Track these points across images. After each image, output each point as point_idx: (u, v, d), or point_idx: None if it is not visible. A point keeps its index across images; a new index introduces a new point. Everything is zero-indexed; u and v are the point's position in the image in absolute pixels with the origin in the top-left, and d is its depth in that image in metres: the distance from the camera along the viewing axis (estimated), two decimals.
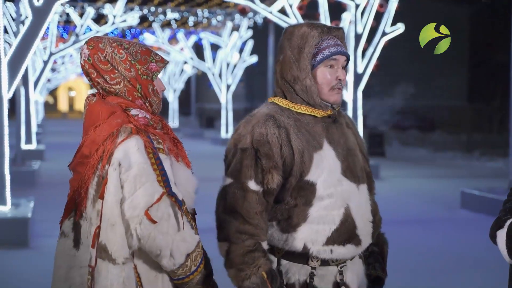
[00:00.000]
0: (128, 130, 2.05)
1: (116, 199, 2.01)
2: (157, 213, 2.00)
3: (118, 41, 2.16)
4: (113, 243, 2.01)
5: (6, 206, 7.14)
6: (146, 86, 2.15)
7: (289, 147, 2.27)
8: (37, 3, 7.21)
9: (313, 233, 2.28)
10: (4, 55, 7.01)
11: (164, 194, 2.02)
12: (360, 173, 2.38)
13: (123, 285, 2.01)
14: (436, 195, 10.87)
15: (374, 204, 2.43)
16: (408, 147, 20.91)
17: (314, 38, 2.32)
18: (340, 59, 2.34)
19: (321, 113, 2.35)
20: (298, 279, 2.32)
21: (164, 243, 2.02)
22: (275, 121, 2.29)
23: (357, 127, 2.54)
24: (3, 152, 7.06)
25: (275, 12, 11.76)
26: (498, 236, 2.05)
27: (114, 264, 2.01)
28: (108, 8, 15.94)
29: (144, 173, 2.01)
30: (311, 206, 2.28)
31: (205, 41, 21.69)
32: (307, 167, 2.27)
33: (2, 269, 5.94)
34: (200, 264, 2.11)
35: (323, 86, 2.33)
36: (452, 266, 6.25)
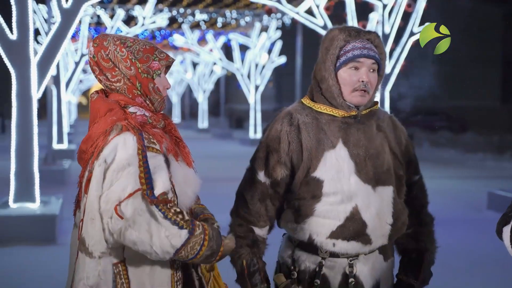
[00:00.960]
0: (119, 127, 2.09)
1: (97, 194, 2.05)
2: (126, 208, 2.01)
3: (122, 39, 2.20)
4: (91, 237, 2.06)
5: (35, 203, 7.31)
6: (147, 84, 2.19)
7: (298, 144, 2.40)
8: (66, 4, 7.37)
9: (319, 226, 2.38)
10: (34, 55, 7.19)
11: (139, 190, 2.03)
12: (383, 176, 2.41)
13: (99, 278, 2.06)
14: (463, 196, 10.77)
15: (399, 207, 2.45)
16: (438, 148, 20.70)
17: (339, 41, 2.41)
18: (365, 62, 2.39)
19: (341, 113, 2.42)
20: (308, 266, 2.44)
21: (139, 240, 2.02)
22: (290, 119, 2.44)
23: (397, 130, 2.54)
24: (32, 151, 7.23)
25: (301, 13, 11.78)
26: (504, 232, 2.06)
27: (91, 258, 2.06)
28: (137, 9, 16.15)
29: (122, 168, 2.04)
30: (319, 201, 2.38)
31: (234, 42, 21.79)
32: (314, 164, 2.38)
33: (30, 264, 6.09)
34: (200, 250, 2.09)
35: (345, 87, 2.40)
36: (476, 266, 6.21)
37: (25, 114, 7.15)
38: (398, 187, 2.47)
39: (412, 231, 2.58)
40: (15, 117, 7.16)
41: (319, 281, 2.40)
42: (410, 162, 2.54)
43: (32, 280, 5.61)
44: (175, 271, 2.18)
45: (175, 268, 2.19)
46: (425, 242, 2.58)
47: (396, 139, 2.51)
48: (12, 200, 7.27)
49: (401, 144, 2.52)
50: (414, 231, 2.58)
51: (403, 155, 2.51)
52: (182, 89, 36.87)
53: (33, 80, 7.15)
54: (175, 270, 2.18)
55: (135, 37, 2.27)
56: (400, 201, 2.48)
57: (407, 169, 2.53)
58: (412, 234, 2.58)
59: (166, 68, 2.29)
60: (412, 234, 2.58)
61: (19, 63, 7.08)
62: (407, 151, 2.54)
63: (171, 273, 2.17)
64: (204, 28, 24.75)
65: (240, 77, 21.60)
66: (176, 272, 2.19)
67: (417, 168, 2.59)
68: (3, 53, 7.05)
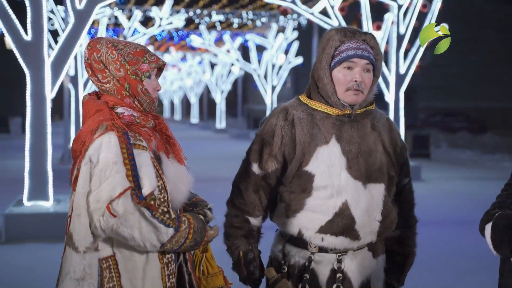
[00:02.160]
0: (104, 126, 2.18)
1: (83, 191, 2.14)
2: (118, 206, 2.11)
3: (115, 42, 2.29)
4: (77, 233, 2.14)
5: (49, 201, 7.43)
6: (135, 85, 2.27)
7: (291, 138, 2.47)
8: (79, 6, 7.48)
9: (308, 220, 2.45)
10: (48, 56, 7.30)
11: (129, 189, 2.13)
12: (375, 173, 2.46)
13: (84, 272, 2.15)
14: (479, 197, 10.69)
15: (388, 205, 2.50)
16: (456, 149, 20.55)
17: (334, 41, 2.48)
18: (359, 62, 2.44)
19: (335, 111, 2.48)
20: (298, 261, 2.50)
21: (128, 235, 2.14)
22: (285, 114, 2.51)
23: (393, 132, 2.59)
24: (46, 150, 7.34)
25: (316, 14, 11.79)
26: (486, 229, 2.09)
27: (77, 252, 2.15)
28: (155, 10, 16.26)
29: (109, 168, 2.12)
30: (309, 196, 2.44)
31: (251, 43, 21.84)
32: (306, 158, 2.45)
33: (43, 262, 6.18)
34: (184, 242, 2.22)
35: (339, 86, 2.47)
36: (492, 268, 6.17)
37: (39, 114, 7.26)
38: (388, 187, 2.51)
39: (399, 234, 2.63)
40: (29, 117, 7.29)
41: (308, 275, 2.46)
42: (404, 165, 2.59)
43: (45, 277, 5.69)
44: (166, 265, 2.25)
45: (166, 263, 2.26)
46: (410, 246, 2.65)
47: (391, 141, 2.56)
48: (26, 198, 7.39)
49: (396, 146, 2.57)
50: (401, 234, 2.63)
51: (397, 157, 2.56)
52: (200, 90, 37.01)
53: (47, 80, 7.26)
54: (165, 264, 2.25)
55: (128, 41, 2.35)
56: (391, 200, 2.53)
57: (400, 171, 2.57)
58: (398, 237, 2.63)
59: (159, 70, 2.37)
60: (398, 237, 2.63)
61: (34, 63, 7.20)
62: (402, 154, 2.58)
63: (161, 267, 2.24)
64: (220, 29, 24.84)
65: (257, 77, 21.64)
66: (167, 266, 2.26)
67: (408, 171, 2.64)
68: (18, 54, 7.17)
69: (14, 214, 7.11)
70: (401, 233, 2.63)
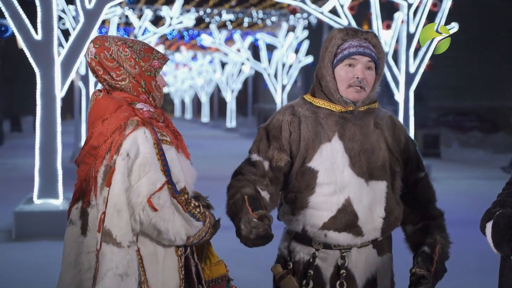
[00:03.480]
0: (134, 122, 2.20)
1: (123, 186, 2.15)
2: (158, 201, 2.16)
3: (122, 39, 2.31)
4: (118, 228, 2.14)
5: (59, 199, 7.48)
6: (150, 82, 2.30)
7: (297, 134, 2.51)
8: (89, 5, 7.53)
9: (312, 217, 2.48)
10: (58, 55, 7.35)
11: (166, 183, 2.17)
12: (377, 171, 2.49)
13: (127, 266, 2.15)
14: (490, 197, 10.54)
15: (392, 202, 2.52)
16: (467, 149, 20.45)
17: (337, 39, 2.53)
18: (360, 59, 2.48)
19: (338, 108, 2.52)
20: (302, 257, 2.54)
21: (164, 229, 2.19)
22: (292, 111, 2.56)
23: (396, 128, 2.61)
24: (56, 149, 7.40)
25: (326, 13, 11.78)
26: (487, 228, 2.10)
27: (119, 247, 2.14)
28: (165, 10, 16.31)
29: (148, 163, 2.16)
30: (313, 193, 2.48)
31: (261, 42, 21.84)
32: (310, 155, 2.49)
33: (52, 259, 6.22)
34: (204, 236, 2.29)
35: (341, 83, 2.51)
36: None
37: (49, 113, 7.32)
38: (393, 183, 2.54)
39: (422, 226, 2.62)
40: (40, 116, 7.34)
41: (312, 271, 2.49)
42: (410, 159, 2.60)
43: (55, 275, 5.69)
44: (180, 258, 2.31)
45: (179, 255, 2.31)
46: (436, 234, 2.60)
47: (394, 137, 2.58)
48: (36, 196, 7.44)
49: (400, 142, 2.59)
50: (424, 225, 2.62)
51: (401, 153, 2.58)
52: (211, 89, 37.06)
53: (57, 79, 7.32)
54: (179, 256, 2.31)
55: (132, 38, 2.37)
56: (395, 196, 2.55)
57: (405, 166, 2.59)
58: (422, 228, 2.62)
59: None
60: (422, 228, 2.62)
61: (44, 62, 7.26)
62: (406, 149, 2.60)
63: (177, 259, 2.30)
64: (231, 28, 24.87)
65: (267, 76, 21.64)
66: (180, 258, 2.31)
67: (420, 165, 2.64)
68: (28, 53, 7.23)
69: (24, 212, 7.16)
70: (422, 225, 2.62)
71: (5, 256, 6.45)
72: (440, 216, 2.66)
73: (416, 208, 2.60)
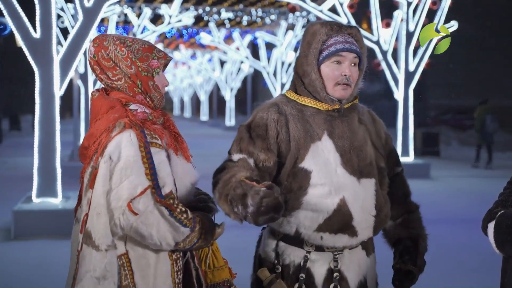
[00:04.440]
0: (122, 124, 2.16)
1: (104, 190, 2.12)
2: (138, 205, 2.11)
3: (122, 39, 2.27)
4: (97, 231, 2.13)
5: (57, 198, 7.46)
6: (147, 82, 2.25)
7: (286, 133, 2.39)
8: (88, 3, 7.51)
9: (306, 219, 2.36)
10: (56, 54, 7.33)
11: (149, 188, 2.12)
12: (366, 168, 2.43)
13: (105, 270, 2.13)
14: (489, 196, 10.56)
15: (381, 199, 2.46)
16: (466, 147, 20.44)
17: (321, 35, 2.42)
18: (347, 56, 2.41)
19: (325, 106, 2.43)
20: (293, 260, 2.41)
21: (147, 233, 2.13)
22: (277, 109, 2.43)
23: (376, 123, 2.57)
24: (54, 147, 7.37)
25: (325, 11, 11.77)
26: (489, 228, 2.08)
27: (97, 251, 2.13)
28: (164, 8, 16.28)
29: (130, 166, 2.12)
30: (306, 194, 2.36)
31: (260, 40, 21.82)
32: (301, 155, 2.38)
33: (51, 259, 6.21)
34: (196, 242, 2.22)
35: (328, 81, 2.42)
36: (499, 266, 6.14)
37: (48, 111, 7.30)
38: (380, 179, 2.48)
39: (402, 220, 2.58)
40: (38, 114, 7.32)
41: (304, 275, 2.38)
42: (390, 154, 2.56)
43: (54, 274, 5.72)
44: (175, 262, 2.26)
45: (175, 259, 2.26)
46: (416, 229, 2.58)
47: (376, 132, 2.53)
48: (35, 195, 7.43)
49: (381, 137, 2.55)
50: (404, 220, 2.58)
51: (383, 148, 2.53)
52: (210, 87, 37.04)
53: (56, 77, 7.29)
54: (174, 260, 2.26)
55: (134, 37, 2.33)
56: (383, 193, 2.49)
57: (387, 161, 2.55)
58: (402, 222, 2.58)
59: (164, 66, 2.35)
60: (402, 223, 2.58)
61: (42, 61, 7.24)
62: (387, 144, 2.56)
63: (171, 264, 2.25)
64: (230, 27, 24.85)
65: (266, 75, 21.63)
66: (175, 262, 2.26)
67: (398, 160, 2.60)
68: (27, 51, 7.21)
69: (23, 211, 7.15)
70: (402, 219, 2.58)
71: (4, 255, 6.44)
72: (417, 209, 2.61)
73: (395, 203, 2.54)
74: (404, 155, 12.50)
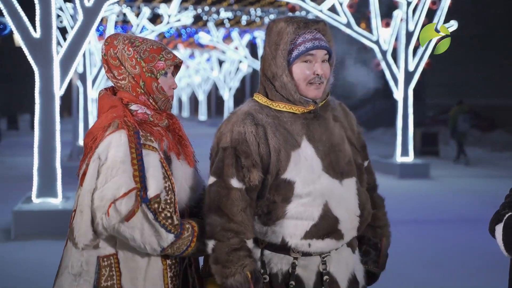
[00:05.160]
0: (115, 124, 2.16)
1: (89, 188, 2.12)
2: (121, 206, 2.08)
3: (132, 38, 2.27)
4: (78, 228, 2.14)
5: (57, 198, 7.44)
6: (150, 83, 2.24)
7: (266, 145, 2.27)
8: (88, 3, 7.48)
9: (292, 227, 2.28)
10: (56, 53, 7.31)
11: (134, 190, 2.09)
12: (346, 167, 2.36)
13: (81, 268, 2.14)
14: (488, 195, 10.64)
15: (363, 197, 2.41)
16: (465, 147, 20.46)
17: (289, 35, 2.29)
18: (318, 54, 2.30)
19: (300, 109, 2.32)
20: (280, 268, 2.32)
21: (130, 236, 2.11)
22: (253, 119, 2.28)
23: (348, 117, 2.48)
24: (54, 147, 7.35)
25: (325, 11, 11.76)
26: (496, 230, 2.07)
27: (76, 248, 2.15)
28: (163, 8, 16.27)
29: (116, 167, 2.10)
30: (290, 203, 2.28)
31: (259, 40, 21.81)
32: (283, 166, 2.28)
33: (51, 259, 6.17)
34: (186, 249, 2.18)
35: (300, 81, 2.31)
36: (500, 266, 6.14)
37: (48, 111, 7.27)
38: (359, 177, 2.41)
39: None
40: (38, 114, 7.30)
41: (294, 282, 2.30)
42: (362, 148, 2.48)
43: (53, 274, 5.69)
44: (169, 267, 2.23)
45: (169, 264, 2.23)
46: (381, 227, 2.53)
47: (350, 127, 2.45)
48: (35, 195, 7.40)
49: (354, 131, 2.46)
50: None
51: (357, 142, 2.46)
52: (208, 87, 37.02)
53: (56, 77, 7.27)
54: (168, 266, 2.23)
55: (145, 38, 2.31)
56: (363, 190, 2.43)
57: (361, 155, 2.47)
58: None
59: (175, 68, 2.33)
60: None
61: (42, 61, 7.21)
62: (360, 137, 2.48)
63: (163, 268, 2.21)
64: (229, 26, 24.83)
65: None
66: (169, 268, 2.23)
67: (366, 153, 2.52)
68: (27, 51, 7.18)
69: (23, 211, 7.13)
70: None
71: (4, 255, 6.42)
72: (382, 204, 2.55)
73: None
74: (404, 155, 12.50)
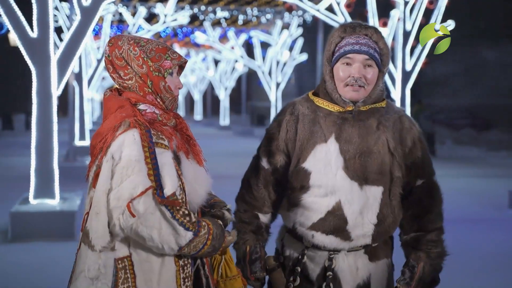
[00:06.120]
0: (127, 123, 2.14)
1: (104, 189, 2.10)
2: (138, 205, 2.07)
3: (136, 39, 2.25)
4: (94, 231, 2.11)
5: (55, 199, 7.39)
6: (158, 82, 2.23)
7: (294, 133, 2.49)
8: (85, 3, 7.44)
9: (302, 216, 2.46)
10: (54, 53, 7.25)
11: (150, 188, 2.08)
12: (374, 175, 2.38)
13: (99, 271, 2.11)
14: (484, 195, 10.65)
15: (387, 209, 2.41)
16: (461, 146, 20.49)
17: (334, 37, 2.47)
18: (356, 57, 2.39)
19: (337, 108, 2.45)
20: (292, 253, 2.54)
21: (148, 235, 2.09)
22: (292, 109, 2.54)
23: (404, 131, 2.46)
24: (52, 148, 7.30)
25: (322, 10, 11.73)
26: None
27: (92, 251, 2.11)
28: (159, 7, 16.22)
29: (131, 166, 2.08)
30: (305, 193, 2.45)
31: (255, 39, 21.79)
32: (304, 155, 2.45)
33: (49, 260, 6.16)
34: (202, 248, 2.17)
35: (338, 82, 2.45)
36: (497, 266, 6.14)
37: (45, 111, 7.22)
38: (390, 189, 2.42)
39: (412, 239, 2.51)
40: (36, 114, 7.24)
41: (299, 268, 2.48)
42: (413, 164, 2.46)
43: (52, 276, 5.68)
44: (182, 268, 2.21)
45: (181, 265, 2.21)
46: (423, 251, 2.49)
47: (399, 140, 2.44)
48: (32, 196, 7.35)
49: (405, 145, 2.45)
50: (414, 239, 2.50)
51: (405, 157, 2.44)
52: (204, 87, 36.97)
53: (53, 77, 7.22)
54: (181, 267, 2.21)
55: (150, 38, 2.31)
56: (392, 203, 2.43)
57: (408, 172, 2.45)
58: (411, 241, 2.51)
59: (180, 68, 2.33)
60: (411, 242, 2.51)
61: (40, 60, 7.16)
62: (411, 153, 2.45)
63: (176, 270, 2.20)
64: (225, 26, 24.80)
65: (261, 74, 21.58)
66: (182, 269, 2.21)
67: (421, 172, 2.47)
68: (24, 51, 7.13)
69: (20, 212, 7.07)
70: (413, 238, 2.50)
71: (1, 257, 6.38)
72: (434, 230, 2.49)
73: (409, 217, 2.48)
74: None
